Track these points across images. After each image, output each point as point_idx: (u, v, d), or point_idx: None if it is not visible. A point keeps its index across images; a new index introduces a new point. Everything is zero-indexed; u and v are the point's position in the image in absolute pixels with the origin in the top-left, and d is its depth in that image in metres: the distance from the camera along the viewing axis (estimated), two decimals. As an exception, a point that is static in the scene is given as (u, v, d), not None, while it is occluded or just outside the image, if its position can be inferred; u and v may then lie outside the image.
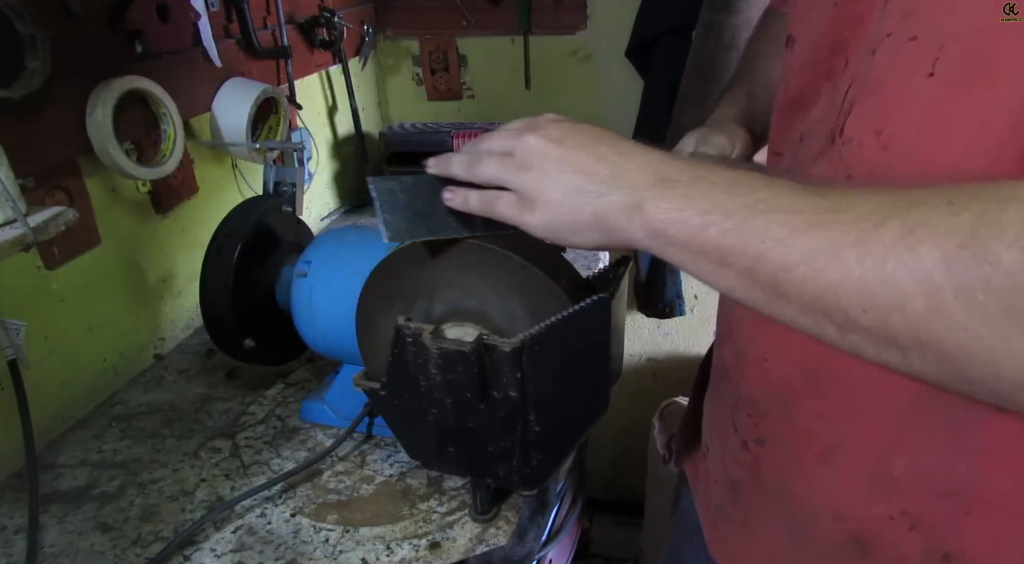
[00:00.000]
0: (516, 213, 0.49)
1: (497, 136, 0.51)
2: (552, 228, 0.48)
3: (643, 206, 0.43)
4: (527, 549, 0.71)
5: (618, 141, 0.47)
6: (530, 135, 0.48)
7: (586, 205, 0.45)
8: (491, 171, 0.50)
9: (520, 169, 0.48)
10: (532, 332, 0.55)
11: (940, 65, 0.39)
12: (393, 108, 1.66)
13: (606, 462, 1.84)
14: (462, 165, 0.52)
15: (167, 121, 0.93)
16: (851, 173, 0.44)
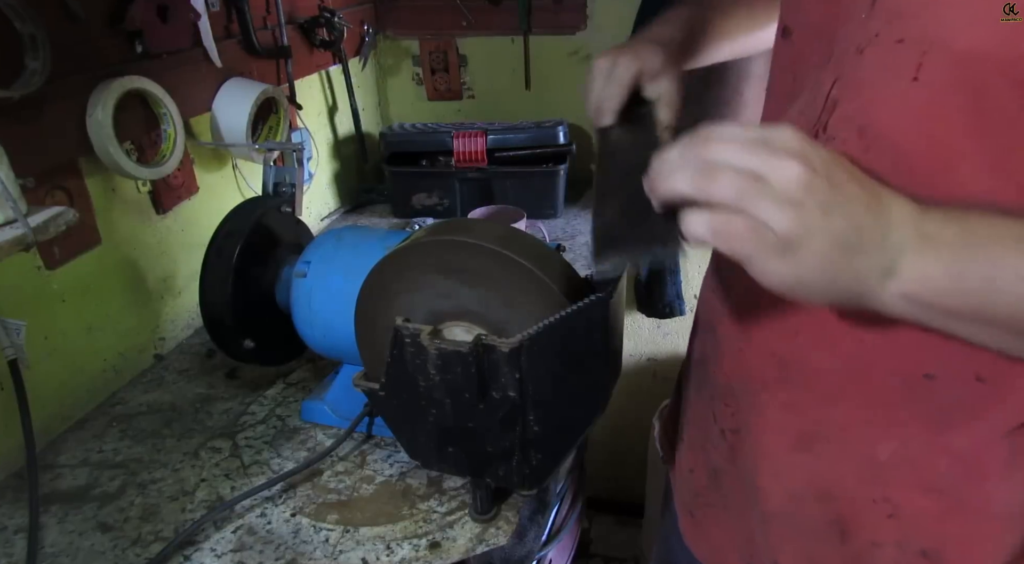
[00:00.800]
0: (762, 254, 0.39)
1: (734, 147, 0.39)
2: (801, 283, 0.39)
3: (898, 269, 0.38)
4: (527, 549, 0.71)
5: (872, 183, 0.40)
6: (792, 161, 0.38)
7: (848, 264, 0.38)
8: (733, 193, 0.38)
9: (779, 203, 0.37)
10: (531, 332, 0.55)
11: (924, 71, 0.39)
12: (393, 108, 1.66)
13: (606, 462, 1.84)
14: (689, 177, 0.40)
15: (167, 121, 0.93)
16: None
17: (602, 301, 0.53)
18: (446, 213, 1.40)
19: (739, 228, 0.38)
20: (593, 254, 0.50)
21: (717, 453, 0.61)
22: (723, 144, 0.39)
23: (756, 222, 0.38)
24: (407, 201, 1.41)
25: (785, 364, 0.52)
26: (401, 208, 1.43)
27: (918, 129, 0.41)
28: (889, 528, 0.51)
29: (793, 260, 0.38)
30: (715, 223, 0.39)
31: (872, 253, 0.38)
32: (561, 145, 1.37)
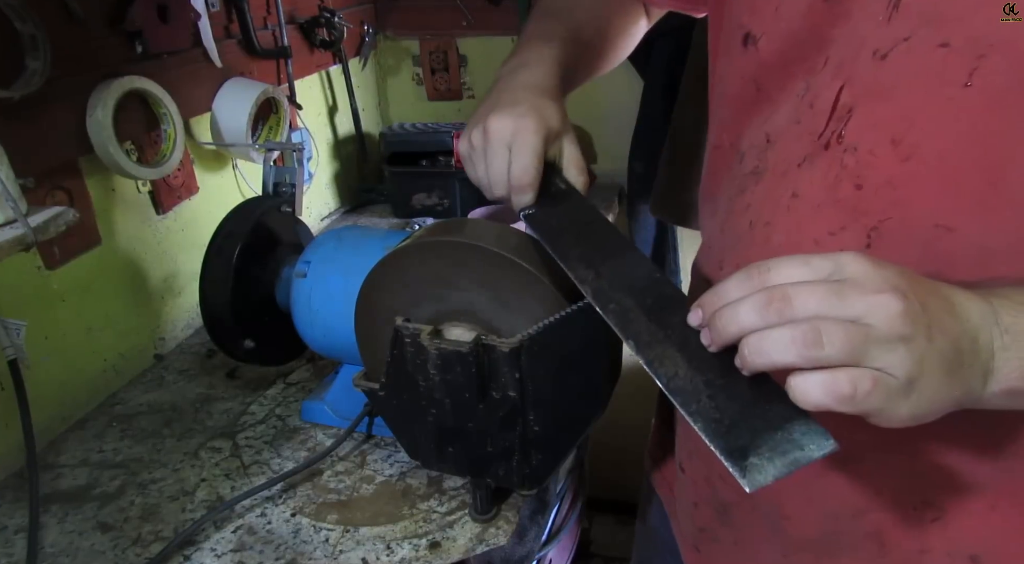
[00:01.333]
0: (893, 403, 0.37)
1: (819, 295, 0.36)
2: (921, 413, 0.37)
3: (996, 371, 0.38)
4: (527, 549, 0.71)
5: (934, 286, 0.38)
6: (886, 295, 0.36)
7: (958, 380, 0.37)
8: (848, 350, 0.35)
9: (892, 345, 0.36)
10: (530, 332, 0.55)
11: (979, 75, 0.38)
12: (393, 108, 1.66)
13: (606, 462, 1.83)
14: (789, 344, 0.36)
15: (167, 121, 0.94)
16: (861, 183, 0.42)
17: (602, 301, 0.53)
18: (446, 213, 1.40)
19: (866, 386, 0.35)
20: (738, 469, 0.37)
21: (726, 488, 0.58)
22: (806, 294, 0.36)
23: (877, 372, 0.36)
24: (407, 201, 1.41)
25: None
26: (401, 208, 1.43)
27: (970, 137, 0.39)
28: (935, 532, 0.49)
29: (917, 394, 0.37)
30: (838, 387, 0.36)
31: (972, 362, 0.37)
32: (561, 145, 1.36)
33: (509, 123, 0.56)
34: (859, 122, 0.43)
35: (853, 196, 0.43)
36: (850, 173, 0.43)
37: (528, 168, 0.56)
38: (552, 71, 0.61)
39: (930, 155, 0.40)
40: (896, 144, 0.41)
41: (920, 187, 0.40)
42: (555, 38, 0.64)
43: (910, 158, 0.41)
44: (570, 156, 0.60)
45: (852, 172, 0.43)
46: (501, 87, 0.60)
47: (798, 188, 0.46)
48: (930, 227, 0.42)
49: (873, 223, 0.43)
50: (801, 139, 0.46)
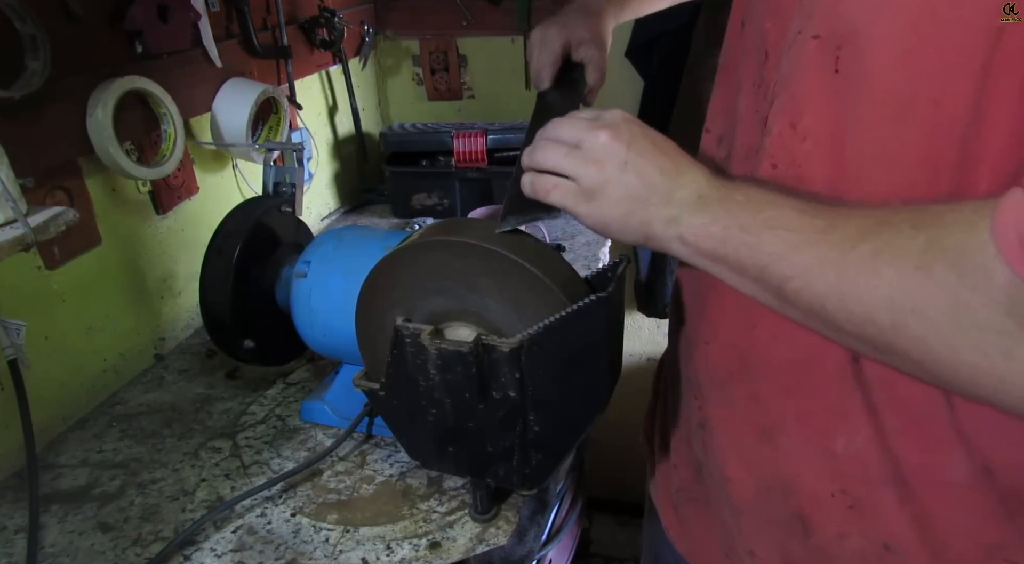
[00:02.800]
0: (572, 201, 0.51)
1: (567, 125, 0.52)
2: (602, 222, 0.50)
3: (680, 220, 0.47)
4: (527, 549, 0.71)
5: (677, 155, 0.49)
6: (602, 131, 0.49)
7: (638, 210, 0.48)
8: (554, 159, 0.51)
9: (585, 161, 0.50)
10: (531, 332, 0.55)
11: (842, 63, 0.42)
12: (393, 108, 1.66)
13: (606, 462, 1.84)
14: (527, 153, 0.54)
15: (167, 121, 0.93)
16: (775, 163, 0.47)
17: (602, 301, 0.53)
18: (446, 213, 1.40)
19: (548, 183, 0.52)
20: (501, 214, 0.59)
21: (698, 446, 0.63)
22: (563, 124, 0.52)
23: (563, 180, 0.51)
24: (407, 201, 1.41)
25: (745, 357, 0.54)
26: (401, 208, 1.43)
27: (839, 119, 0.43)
28: (852, 519, 0.51)
29: (595, 204, 0.50)
30: (534, 182, 0.53)
31: (658, 205, 0.47)
32: (561, 145, 1.36)
33: (541, 32, 0.78)
34: (775, 108, 0.47)
35: (771, 175, 0.48)
36: (768, 154, 0.48)
37: (543, 63, 0.77)
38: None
39: (819, 136, 0.45)
40: (794, 127, 0.46)
41: (813, 164, 0.45)
42: None
43: (806, 139, 0.45)
44: (590, 58, 0.78)
45: (769, 153, 0.48)
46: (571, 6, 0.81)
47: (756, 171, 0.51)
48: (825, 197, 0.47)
49: None
50: (757, 128, 0.50)
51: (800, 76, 0.45)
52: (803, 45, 0.44)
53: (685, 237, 0.47)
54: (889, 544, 0.50)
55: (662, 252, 0.50)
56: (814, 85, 0.44)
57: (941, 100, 0.39)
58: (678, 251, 0.48)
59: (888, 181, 0.42)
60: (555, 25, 0.77)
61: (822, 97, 0.44)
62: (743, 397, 0.55)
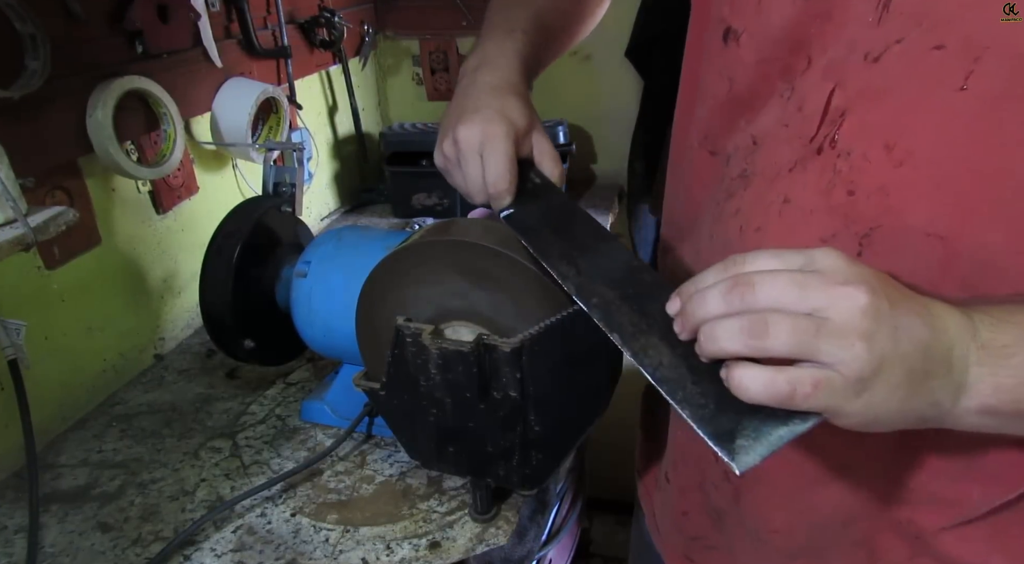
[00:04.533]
0: (838, 403, 0.35)
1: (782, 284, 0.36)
2: (873, 417, 0.36)
3: (969, 385, 0.36)
4: (527, 549, 0.71)
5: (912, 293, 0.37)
6: (852, 288, 0.35)
7: (922, 388, 0.36)
8: (793, 343, 0.35)
9: (845, 341, 0.34)
10: (532, 332, 0.55)
11: (975, 78, 0.37)
12: (393, 108, 1.66)
13: (606, 462, 1.83)
14: (737, 333, 0.36)
15: (167, 121, 0.93)
16: (853, 189, 0.42)
17: (603, 301, 0.53)
18: (446, 213, 1.40)
19: (805, 388, 0.35)
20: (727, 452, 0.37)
21: (719, 495, 0.57)
22: (768, 284, 0.36)
23: (822, 370, 0.35)
24: (407, 201, 1.41)
25: None
26: (401, 208, 1.43)
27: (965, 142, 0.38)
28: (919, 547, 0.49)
29: (869, 394, 0.35)
30: (776, 387, 0.35)
31: (941, 373, 0.35)
32: (561, 145, 1.37)
33: (477, 131, 0.56)
34: (852, 126, 0.41)
35: (846, 202, 0.42)
36: (843, 178, 0.42)
37: (502, 174, 0.56)
38: (514, 66, 0.61)
39: (923, 161, 0.39)
40: (889, 149, 0.40)
41: (912, 194, 0.39)
42: (516, 28, 0.63)
43: (903, 164, 0.40)
44: (542, 149, 0.60)
45: (845, 177, 0.42)
46: (465, 89, 0.60)
47: (790, 193, 0.45)
48: (922, 235, 0.40)
49: (864, 230, 0.42)
50: (791, 143, 0.45)
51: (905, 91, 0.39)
52: (915, 56, 0.38)
53: (985, 405, 0.36)
54: None
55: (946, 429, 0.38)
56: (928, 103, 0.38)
57: None
58: (975, 424, 0.37)
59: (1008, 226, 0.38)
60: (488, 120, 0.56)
61: (936, 118, 0.38)
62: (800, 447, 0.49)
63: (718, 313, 0.37)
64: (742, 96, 0.49)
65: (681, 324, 0.40)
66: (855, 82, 0.41)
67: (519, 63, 0.61)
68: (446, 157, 0.60)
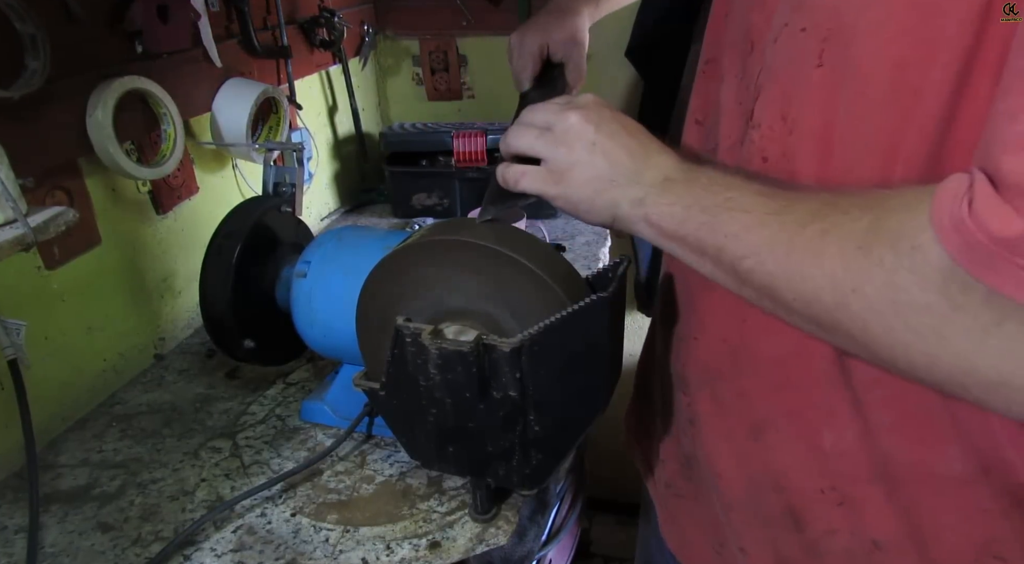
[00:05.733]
0: (541, 185, 0.53)
1: (540, 110, 0.53)
2: (571, 202, 0.52)
3: (646, 200, 0.48)
4: (527, 549, 0.71)
5: (646, 138, 0.51)
6: (572, 112, 0.50)
7: (605, 190, 0.50)
8: (527, 142, 0.53)
9: (555, 143, 0.51)
10: (531, 332, 0.55)
11: (826, 55, 0.42)
12: (393, 108, 1.66)
13: (606, 462, 1.84)
14: (503, 140, 0.55)
15: (167, 121, 0.93)
16: (766, 156, 0.47)
17: (603, 301, 0.53)
18: (446, 213, 1.40)
19: (518, 171, 0.54)
20: (482, 205, 0.60)
21: (686, 441, 0.63)
22: (537, 109, 0.54)
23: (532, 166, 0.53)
24: (407, 201, 1.41)
25: (735, 352, 0.54)
26: (401, 208, 1.43)
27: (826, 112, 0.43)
28: (841, 516, 0.51)
29: (564, 185, 0.51)
30: (504, 172, 0.55)
31: (626, 185, 0.49)
32: (561, 145, 1.37)
33: (519, 36, 0.81)
34: (762, 101, 0.47)
35: (762, 168, 0.48)
36: (758, 148, 0.48)
37: (522, 66, 0.81)
38: None
39: (806, 129, 0.44)
40: (784, 119, 0.46)
41: (804, 158, 0.45)
42: None
43: (793, 132, 0.45)
44: (568, 58, 0.82)
45: (759, 147, 0.47)
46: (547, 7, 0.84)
47: (740, 163, 0.50)
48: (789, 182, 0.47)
49: None
50: (740, 119, 0.50)
51: (789, 68, 0.45)
52: (791, 37, 0.44)
53: (650, 217, 0.48)
54: (878, 541, 0.50)
55: (629, 232, 0.51)
56: (802, 77, 0.44)
57: (922, 91, 0.39)
58: (643, 231, 0.49)
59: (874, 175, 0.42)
60: (531, 28, 0.80)
61: (809, 90, 0.44)
62: (732, 393, 0.55)
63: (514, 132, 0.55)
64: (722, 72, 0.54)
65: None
66: (768, 62, 0.47)
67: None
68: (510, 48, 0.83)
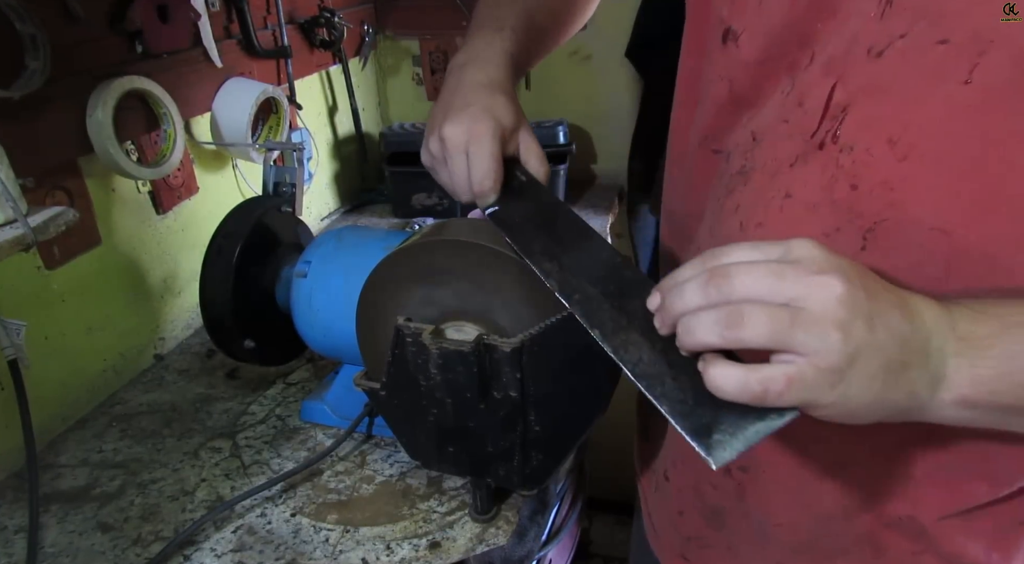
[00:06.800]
0: (814, 395, 0.35)
1: (758, 274, 0.36)
2: (850, 409, 0.36)
3: (947, 377, 0.36)
4: (527, 549, 0.71)
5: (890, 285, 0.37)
6: (828, 277, 0.35)
7: (898, 379, 0.35)
8: (768, 334, 0.35)
9: (821, 330, 0.34)
10: (532, 332, 0.55)
11: (979, 72, 0.36)
12: (393, 108, 1.66)
13: (606, 462, 1.83)
14: (713, 325, 0.36)
15: (167, 121, 0.93)
16: (856, 183, 0.41)
17: (603, 301, 0.53)
18: (446, 213, 1.40)
19: (778, 386, 0.35)
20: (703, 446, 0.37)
21: (718, 494, 0.57)
22: (744, 274, 0.36)
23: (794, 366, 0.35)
24: (407, 201, 1.41)
25: None
26: (401, 208, 1.43)
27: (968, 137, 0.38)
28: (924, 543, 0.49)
29: (843, 388, 0.35)
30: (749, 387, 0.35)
31: (918, 364, 0.35)
32: (561, 145, 1.37)
33: (463, 129, 0.56)
34: (855, 121, 0.41)
35: (849, 197, 0.41)
36: (846, 173, 0.42)
37: (487, 173, 0.57)
38: (502, 63, 0.61)
39: (927, 155, 0.39)
40: (893, 144, 0.40)
41: (916, 188, 0.39)
42: (505, 26, 0.63)
43: (907, 158, 0.39)
44: (528, 147, 0.60)
45: (848, 172, 0.41)
46: (452, 87, 0.60)
47: (791, 188, 0.44)
48: (926, 230, 0.40)
49: (868, 225, 0.42)
50: (792, 138, 0.45)
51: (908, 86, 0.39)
52: (919, 50, 0.38)
53: (964, 398, 0.36)
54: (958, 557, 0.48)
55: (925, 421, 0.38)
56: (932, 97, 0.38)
57: None
58: (953, 418, 0.37)
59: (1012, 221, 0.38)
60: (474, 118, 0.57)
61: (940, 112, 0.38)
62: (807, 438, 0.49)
63: (696, 306, 0.37)
64: (742, 95, 0.49)
65: (661, 319, 0.40)
66: (857, 77, 0.41)
67: (507, 60, 0.61)
68: (432, 155, 0.60)
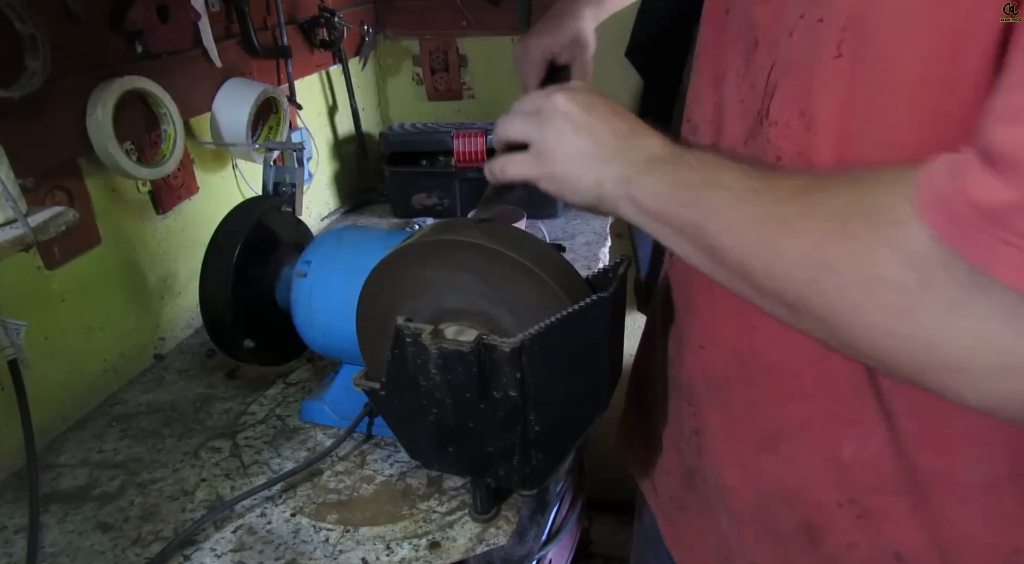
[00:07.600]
0: (526, 168, 0.53)
1: (530, 96, 0.54)
2: (556, 181, 0.52)
3: (631, 178, 0.48)
4: (527, 549, 0.71)
5: (634, 121, 0.51)
6: (559, 95, 0.51)
7: (590, 169, 0.50)
8: (515, 127, 0.54)
9: (542, 124, 0.52)
10: (532, 332, 0.55)
11: (845, 46, 0.40)
12: (393, 108, 1.66)
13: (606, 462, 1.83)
14: (496, 130, 0.56)
15: (167, 121, 0.93)
16: (780, 155, 0.45)
17: (603, 301, 0.53)
18: (446, 213, 1.40)
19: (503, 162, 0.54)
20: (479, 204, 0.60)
21: (689, 453, 0.61)
22: (527, 97, 0.54)
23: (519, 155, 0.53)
24: (407, 201, 1.41)
25: (745, 361, 0.52)
26: (401, 208, 1.43)
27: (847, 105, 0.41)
28: (861, 529, 0.50)
29: (549, 163, 0.51)
30: (491, 166, 0.55)
31: (611, 163, 0.48)
32: (561, 145, 1.37)
33: (522, 44, 0.82)
34: (779, 98, 0.45)
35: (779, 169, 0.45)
36: (772, 146, 0.45)
37: (527, 73, 0.83)
38: None
39: (824, 124, 0.43)
40: (802, 116, 0.43)
41: (822, 156, 0.43)
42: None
43: (810, 128, 0.43)
44: (572, 60, 0.82)
45: (774, 145, 0.45)
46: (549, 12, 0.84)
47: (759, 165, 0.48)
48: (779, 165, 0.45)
49: None
50: (744, 118, 0.49)
51: (807, 61, 0.42)
52: (808, 29, 0.42)
53: (634, 195, 0.47)
54: (900, 553, 0.49)
55: (612, 214, 0.51)
56: (822, 71, 0.42)
57: (951, 81, 0.37)
58: (627, 210, 0.48)
59: None
60: (534, 34, 0.81)
61: (827, 83, 0.42)
62: (742, 403, 0.54)
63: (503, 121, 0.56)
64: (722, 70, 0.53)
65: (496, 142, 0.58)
66: (783, 57, 0.45)
67: None
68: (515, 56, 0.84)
